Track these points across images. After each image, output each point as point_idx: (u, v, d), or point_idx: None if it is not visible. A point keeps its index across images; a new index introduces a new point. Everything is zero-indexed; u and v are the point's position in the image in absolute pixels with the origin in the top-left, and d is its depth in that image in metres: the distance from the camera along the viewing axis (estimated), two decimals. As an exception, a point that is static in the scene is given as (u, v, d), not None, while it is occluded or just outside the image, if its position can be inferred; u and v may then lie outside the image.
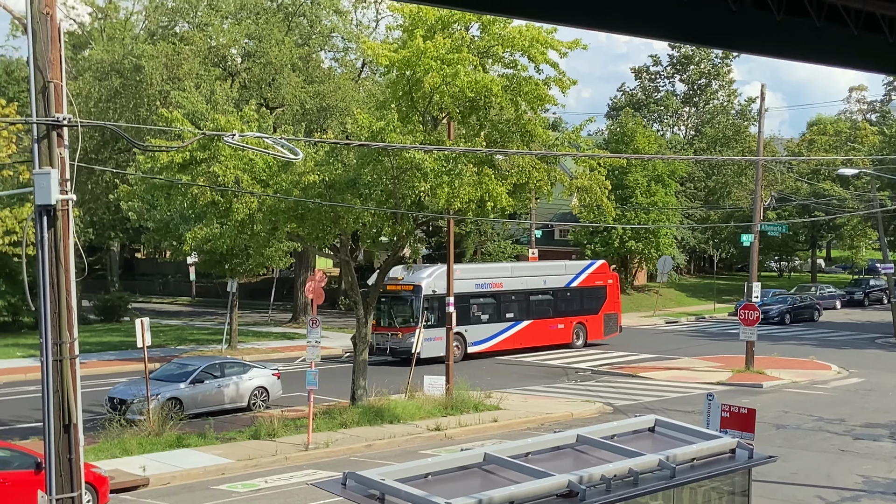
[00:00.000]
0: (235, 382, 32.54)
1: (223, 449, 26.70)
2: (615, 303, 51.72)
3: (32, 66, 11.25)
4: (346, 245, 31.55)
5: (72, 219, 11.55)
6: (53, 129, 11.32)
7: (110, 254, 69.21)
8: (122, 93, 50.78)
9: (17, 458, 20.64)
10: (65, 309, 11.48)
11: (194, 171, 27.78)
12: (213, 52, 54.16)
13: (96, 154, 50.23)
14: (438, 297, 41.65)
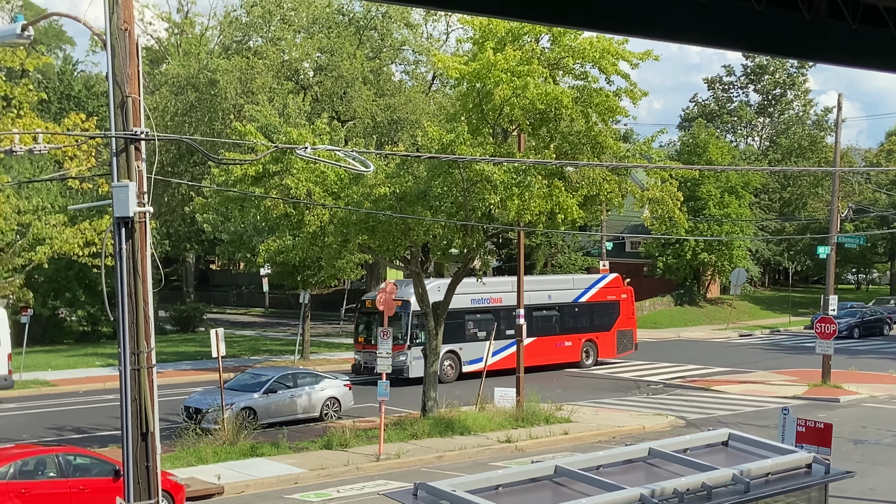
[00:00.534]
0: (308, 393, 32.80)
1: (296, 458, 26.92)
2: (629, 319, 48.91)
3: (111, 80, 11.50)
4: (416, 257, 31.68)
5: (149, 230, 11.76)
6: (131, 143, 11.55)
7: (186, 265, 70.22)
8: (198, 107, 51.57)
9: (97, 465, 21.02)
10: (142, 318, 11.70)
11: (267, 184, 28.11)
12: (285, 65, 54.79)
13: (172, 167, 51.06)
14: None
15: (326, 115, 39.13)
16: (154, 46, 63.77)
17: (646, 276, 74.34)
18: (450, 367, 41.98)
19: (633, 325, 49.18)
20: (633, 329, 49.11)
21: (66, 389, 39.99)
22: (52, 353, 49.16)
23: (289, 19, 55.98)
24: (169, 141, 47.02)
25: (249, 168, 27.56)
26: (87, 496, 20.41)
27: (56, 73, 66.16)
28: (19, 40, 11.99)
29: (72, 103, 61.27)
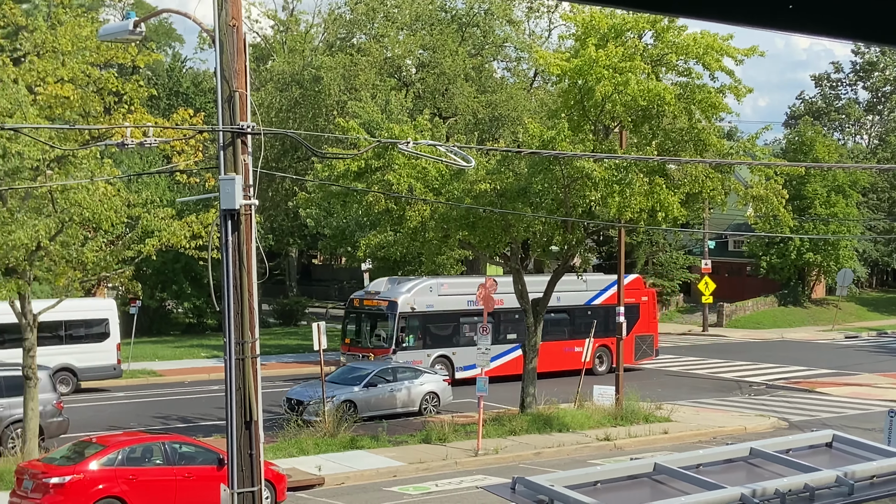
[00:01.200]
0: (407, 387, 33.04)
1: (395, 452, 27.15)
2: (650, 323, 45.25)
3: (219, 76, 11.75)
4: (516, 253, 31.69)
5: (254, 223, 11.99)
6: (238, 137, 11.79)
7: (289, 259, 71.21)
8: (302, 103, 52.26)
9: (202, 453, 21.49)
10: (247, 310, 11.93)
11: (369, 180, 28.39)
12: (388, 62, 55.20)
13: (277, 162, 51.84)
14: (419, 315, 38.03)
15: (428, 112, 39.34)
16: (260, 44, 64.80)
17: (749, 276, 73.16)
18: None
19: (655, 329, 45.64)
20: (654, 334, 45.43)
21: (173, 379, 40.92)
22: (159, 344, 50.33)
23: (392, 16, 56.40)
24: (274, 136, 47.73)
25: (352, 163, 27.87)
26: (191, 483, 20.88)
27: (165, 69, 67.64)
28: (131, 37, 12.33)
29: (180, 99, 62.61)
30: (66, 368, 36.28)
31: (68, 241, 23.38)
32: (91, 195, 22.22)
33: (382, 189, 27.93)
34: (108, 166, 23.38)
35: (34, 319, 24.05)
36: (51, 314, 25.48)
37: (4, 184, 22.12)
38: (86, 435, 24.11)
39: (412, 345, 38.18)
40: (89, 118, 22.43)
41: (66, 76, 22.28)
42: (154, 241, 23.97)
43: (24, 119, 21.33)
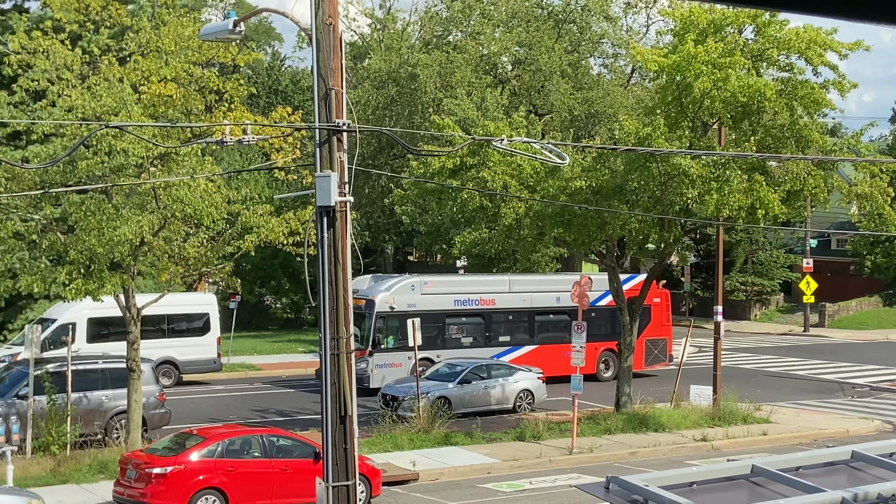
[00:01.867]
0: (501, 384, 33.04)
1: (489, 449, 27.18)
2: (663, 326, 41.94)
3: (315, 73, 11.89)
4: (611, 251, 31.47)
5: (349, 220, 12.11)
6: (333, 134, 11.92)
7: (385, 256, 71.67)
8: (398, 101, 52.59)
9: (298, 447, 21.78)
10: (342, 305, 12.06)
11: (464, 177, 28.45)
12: (484, 59, 55.25)
13: (373, 160, 52.23)
14: (398, 314, 35.82)
15: (524, 109, 39.31)
16: (357, 42, 65.34)
17: (852, 275, 71.51)
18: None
19: (668, 333, 42.24)
20: (668, 338, 42.07)
21: (271, 374, 41.53)
22: (257, 339, 51.13)
23: (488, 14, 56.41)
24: (370, 134, 48.09)
25: (447, 160, 27.96)
26: (288, 476, 21.16)
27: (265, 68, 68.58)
28: (231, 36, 12.54)
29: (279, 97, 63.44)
30: (169, 361, 37.06)
31: (171, 236, 23.88)
32: (192, 192, 22.66)
33: (477, 186, 27.97)
34: (208, 163, 23.82)
35: (138, 313, 24.61)
36: (154, 308, 26.08)
37: (110, 181, 22.67)
38: (187, 427, 24.60)
39: (392, 346, 36.10)
40: (191, 116, 22.87)
41: (169, 75, 22.75)
42: (253, 238, 24.34)
43: (128, 117, 21.84)
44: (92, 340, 35.13)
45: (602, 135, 49.00)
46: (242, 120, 21.00)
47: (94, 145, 22.54)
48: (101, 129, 21.02)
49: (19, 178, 23.11)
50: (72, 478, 23.08)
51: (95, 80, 23.02)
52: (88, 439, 25.92)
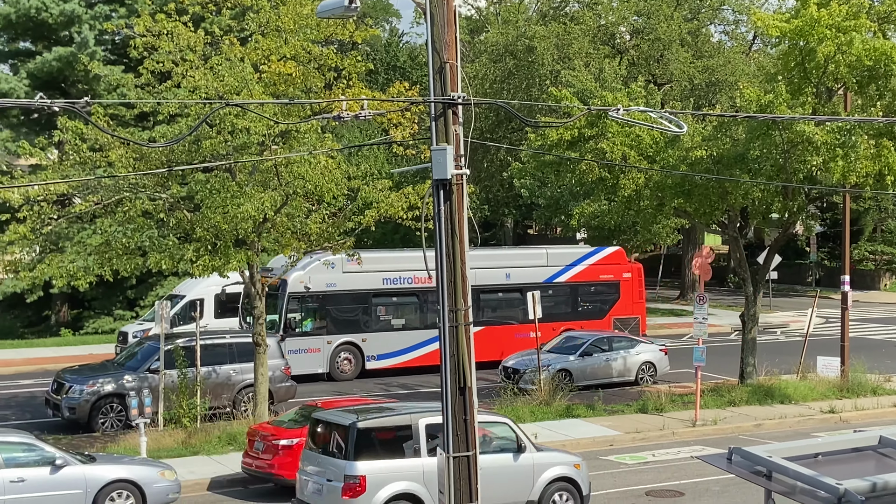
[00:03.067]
0: (623, 356, 32.87)
1: (611, 421, 27.10)
2: (635, 303, 39.13)
3: (430, 47, 11.97)
4: (734, 221, 30.94)
5: (465, 192, 12.18)
6: (449, 108, 11.99)
7: (504, 230, 71.77)
8: (515, 74, 52.45)
9: (418, 419, 21.97)
10: (459, 278, 12.17)
11: (582, 148, 28.28)
12: (601, 30, 54.69)
13: (491, 133, 52.27)
14: (314, 296, 33.47)
15: (642, 79, 38.83)
16: (473, 16, 65.27)
17: None
18: (346, 361, 34.16)
19: (641, 311, 39.38)
20: (641, 316, 39.28)
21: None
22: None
23: (605, -17, 55.79)
24: (488, 108, 48.10)
25: (565, 132, 27.83)
26: (410, 448, 21.39)
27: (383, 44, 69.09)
28: (347, 12, 12.68)
29: (397, 73, 63.87)
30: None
31: (293, 213, 24.30)
32: (313, 168, 23.01)
33: (596, 157, 27.78)
34: (328, 140, 24.15)
35: (263, 288, 25.15)
36: None
37: (233, 159, 23.17)
38: (311, 400, 25.06)
39: (309, 330, 33.57)
40: (310, 94, 23.19)
41: (288, 54, 23.10)
42: (373, 213, 24.62)
43: (250, 96, 22.26)
44: (219, 316, 36.03)
45: (723, 103, 48.12)
46: (360, 96, 21.24)
47: (217, 124, 23.07)
48: (223, 108, 21.48)
49: (147, 158, 23.78)
50: (202, 449, 23.75)
51: (218, 60, 23.51)
52: (217, 412, 26.63)
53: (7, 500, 18.15)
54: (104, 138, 23.50)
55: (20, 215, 23.21)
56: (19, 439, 19.21)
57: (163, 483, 19.55)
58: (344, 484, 17.27)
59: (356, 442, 17.48)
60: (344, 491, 17.27)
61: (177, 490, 19.84)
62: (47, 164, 26.37)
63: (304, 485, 18.29)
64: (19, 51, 46.69)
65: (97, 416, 26.20)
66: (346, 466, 17.34)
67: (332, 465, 17.68)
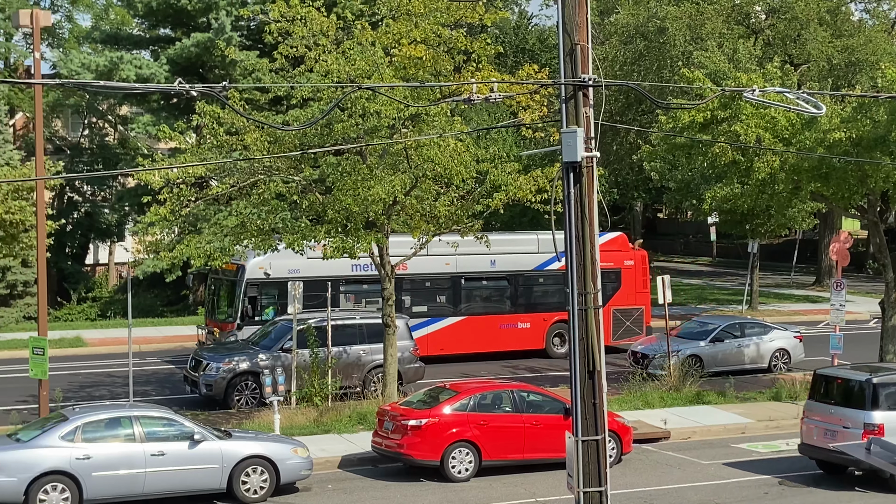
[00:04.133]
0: (756, 343, 32.27)
1: (742, 408, 26.66)
2: (638, 293, 36.47)
3: (560, 29, 11.90)
4: (873, 205, 30.03)
5: (595, 175, 12.09)
6: (579, 90, 11.90)
7: (633, 213, 71.08)
8: (646, 55, 51.74)
9: (548, 402, 22.02)
10: (588, 261, 12.09)
11: (715, 131, 27.79)
12: (736, 9, 53.56)
13: (621, 116, 51.70)
14: (275, 282, 31.23)
15: (778, 60, 37.84)
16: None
17: None
18: None
19: (645, 301, 36.62)
20: (645, 307, 36.56)
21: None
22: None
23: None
24: (618, 90, 47.60)
25: (697, 114, 27.37)
26: (538, 431, 21.43)
27: (512, 27, 68.86)
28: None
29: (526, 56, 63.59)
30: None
31: (422, 195, 24.48)
32: (442, 151, 23.14)
33: (729, 140, 27.26)
34: (457, 123, 24.23)
35: (392, 270, 25.42)
36: None
37: (364, 142, 23.44)
38: (440, 381, 25.29)
39: (270, 318, 31.12)
40: (440, 77, 23.29)
41: (418, 37, 23.24)
42: (501, 196, 24.64)
43: (380, 80, 22.49)
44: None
45: (863, 84, 46.63)
46: (490, 79, 21.25)
47: (348, 108, 23.36)
48: (355, 91, 21.74)
49: (281, 142, 24.24)
50: (333, 428, 24.17)
51: (349, 44, 23.79)
52: (348, 391, 27.06)
53: (148, 473, 18.78)
54: (240, 122, 24.03)
55: (160, 197, 23.93)
56: (159, 414, 19.85)
57: (296, 460, 19.97)
58: (864, 431, 19.69)
59: (873, 395, 20.44)
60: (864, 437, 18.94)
61: (309, 467, 20.24)
62: (186, 148, 27.11)
63: (811, 432, 21.24)
64: (159, 37, 48.01)
65: (233, 393, 26.89)
66: (865, 416, 20.18)
67: (848, 414, 20.52)
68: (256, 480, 19.54)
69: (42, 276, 23.97)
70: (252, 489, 19.49)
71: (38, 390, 23.24)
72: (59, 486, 18.23)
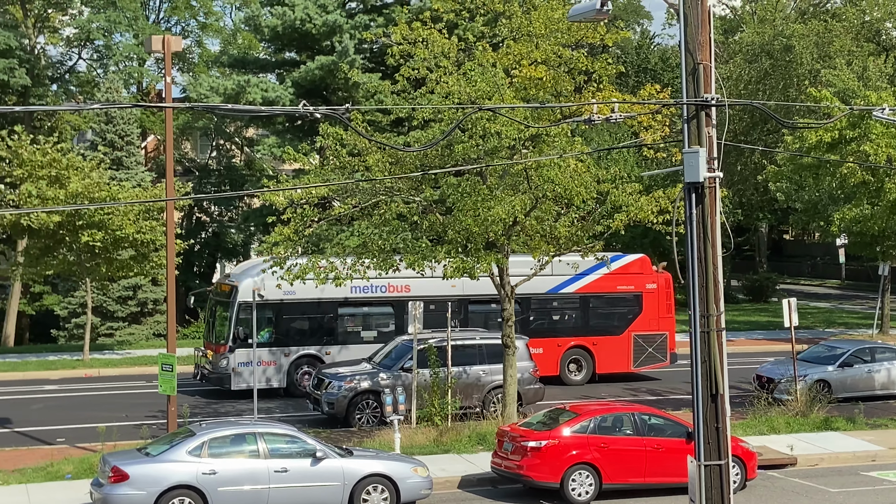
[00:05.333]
0: (887, 368, 31.30)
1: (873, 435, 25.90)
2: (661, 318, 34.80)
3: (683, 48, 11.80)
4: None
5: (718, 196, 11.94)
6: (701, 110, 11.78)
7: (758, 235, 69.75)
8: (772, 74, 50.90)
9: (670, 426, 21.69)
10: (711, 283, 11.92)
11: (843, 151, 27.18)
12: (865, 26, 52.37)
13: (745, 136, 50.92)
14: (270, 304, 30.36)
15: (910, 76, 36.93)
16: (728, 16, 63.77)
17: None
18: (307, 376, 30.48)
19: (669, 326, 34.99)
20: (669, 333, 34.92)
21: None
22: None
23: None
24: (742, 109, 46.91)
25: (824, 134, 26.83)
26: (660, 455, 21.13)
27: (634, 47, 68.47)
28: (598, 16, 12.65)
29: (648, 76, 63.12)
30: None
31: (542, 216, 24.44)
32: (562, 172, 23.07)
33: (858, 160, 26.62)
34: (578, 143, 24.15)
35: (511, 291, 25.41)
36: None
37: (484, 162, 23.52)
38: (559, 403, 25.13)
39: (265, 340, 30.78)
40: (560, 97, 23.27)
41: (539, 58, 23.26)
42: (622, 217, 24.45)
43: (501, 101, 22.56)
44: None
45: None
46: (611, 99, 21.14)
47: (469, 129, 23.48)
48: (475, 112, 21.85)
49: (402, 163, 24.48)
50: (453, 447, 24.22)
51: (470, 66, 23.94)
52: (467, 411, 27.07)
53: (271, 489, 19.09)
54: (362, 143, 24.36)
55: (285, 217, 24.38)
56: (283, 431, 20.17)
57: (416, 479, 20.06)
58: None
59: None
60: None
61: (428, 486, 20.31)
62: (310, 169, 27.56)
63: None
64: (285, 61, 49.05)
65: (354, 411, 27.16)
66: None
67: None
68: (377, 499, 19.68)
69: (171, 295, 24.58)
70: (373, 507, 19.66)
71: (167, 406, 23.83)
72: (187, 501, 18.62)
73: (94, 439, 23.77)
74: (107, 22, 51.57)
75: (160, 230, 36.51)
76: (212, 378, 31.42)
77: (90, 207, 34.53)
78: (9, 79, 48.38)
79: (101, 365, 36.34)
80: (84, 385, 34.14)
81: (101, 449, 22.31)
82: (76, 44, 57.03)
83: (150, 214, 37.52)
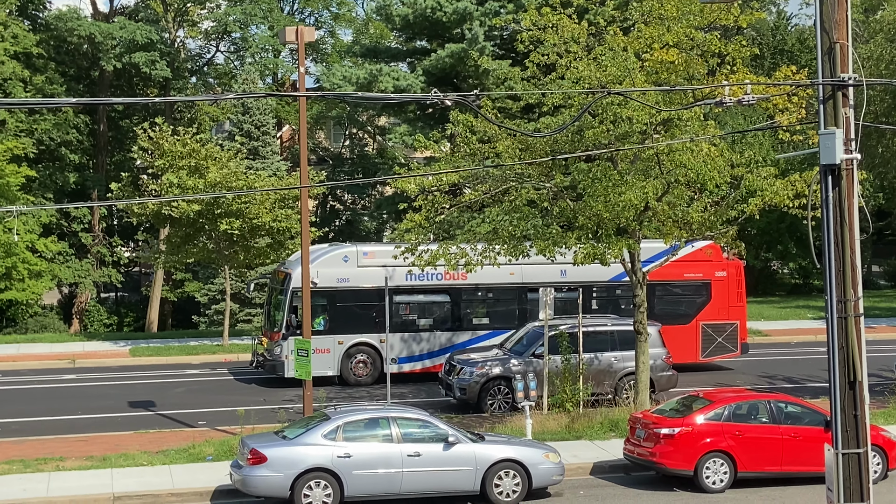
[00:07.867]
0: None
1: None
2: (732, 307, 33.70)
3: (818, 27, 11.54)
4: None
5: (856, 179, 11.65)
6: (838, 90, 11.49)
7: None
8: (917, 53, 49.17)
9: (808, 414, 21.27)
10: (849, 267, 11.64)
11: None
12: None
13: (887, 117, 49.32)
14: (324, 292, 30.53)
15: None
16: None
17: None
18: (362, 364, 31.31)
19: (740, 315, 33.90)
20: (740, 322, 33.82)
21: (778, 339, 40.78)
22: (764, 304, 50.37)
23: None
24: (883, 90, 45.52)
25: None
26: (797, 443, 20.74)
27: (769, 28, 66.92)
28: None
29: (784, 57, 61.63)
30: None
31: (674, 201, 24.17)
32: (695, 156, 22.76)
33: None
34: (711, 127, 23.78)
35: (643, 277, 25.21)
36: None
37: (615, 147, 23.37)
38: (692, 390, 24.86)
39: (320, 329, 30.71)
40: (693, 81, 22.94)
41: (671, 41, 22.96)
42: (757, 201, 24.01)
43: (632, 85, 22.36)
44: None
45: None
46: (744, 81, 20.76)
47: (599, 114, 23.35)
48: (606, 97, 21.71)
49: (531, 149, 24.49)
50: (584, 434, 24.18)
51: (601, 50, 23.79)
52: (599, 398, 26.99)
53: (405, 473, 19.36)
54: (492, 130, 24.44)
55: (416, 204, 24.64)
56: (416, 416, 20.42)
57: (547, 465, 20.10)
58: None
59: None
60: None
61: (560, 472, 20.33)
62: (440, 157, 27.78)
63: None
64: (416, 49, 49.42)
65: (485, 397, 27.34)
66: None
67: None
68: (509, 484, 19.78)
69: (306, 281, 25.12)
70: (505, 492, 19.74)
71: (303, 390, 24.34)
72: (322, 483, 19.02)
73: (234, 422, 24.46)
74: (243, 14, 52.75)
75: (295, 218, 37.27)
76: (267, 365, 31.71)
77: (228, 196, 35.43)
78: (150, 71, 50.00)
79: (240, 350, 37.31)
80: (222, 369, 35.13)
81: (241, 432, 22.93)
82: (214, 37, 58.56)
83: (285, 203, 38.33)
